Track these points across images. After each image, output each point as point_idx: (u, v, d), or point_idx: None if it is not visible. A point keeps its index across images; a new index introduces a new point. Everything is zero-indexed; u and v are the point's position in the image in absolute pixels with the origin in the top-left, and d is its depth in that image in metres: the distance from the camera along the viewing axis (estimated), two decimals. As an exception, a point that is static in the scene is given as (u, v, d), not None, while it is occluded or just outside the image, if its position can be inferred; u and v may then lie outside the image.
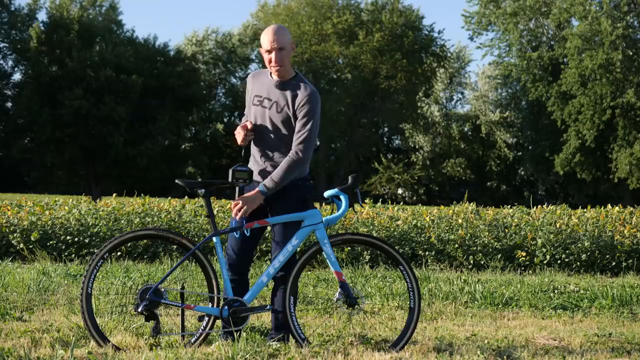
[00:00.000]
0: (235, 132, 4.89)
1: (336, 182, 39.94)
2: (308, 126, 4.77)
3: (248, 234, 4.83)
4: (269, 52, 4.80)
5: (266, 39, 4.80)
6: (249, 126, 4.85)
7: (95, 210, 10.30)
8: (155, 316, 4.65)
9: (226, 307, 4.69)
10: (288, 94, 4.81)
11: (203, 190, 4.76)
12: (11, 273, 7.80)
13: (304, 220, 4.77)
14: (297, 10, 41.89)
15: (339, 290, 4.78)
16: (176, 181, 4.86)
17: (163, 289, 4.72)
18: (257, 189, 4.72)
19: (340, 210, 4.80)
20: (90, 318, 4.62)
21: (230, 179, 4.75)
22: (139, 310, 4.62)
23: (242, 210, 4.68)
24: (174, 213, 10.47)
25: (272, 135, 4.83)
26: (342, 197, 4.78)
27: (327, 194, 4.82)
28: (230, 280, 4.86)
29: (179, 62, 41.21)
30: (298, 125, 4.78)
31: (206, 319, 4.76)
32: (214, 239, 4.76)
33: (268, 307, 4.77)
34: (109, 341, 4.66)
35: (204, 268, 4.79)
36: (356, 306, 4.81)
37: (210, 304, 4.79)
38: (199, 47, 46.50)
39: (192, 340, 4.74)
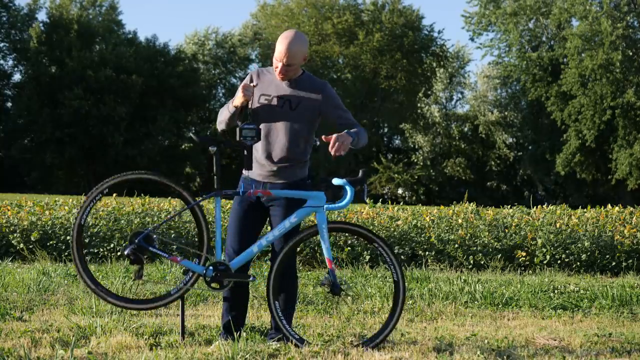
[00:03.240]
0: (241, 89, 4.79)
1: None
2: (344, 108, 4.89)
3: (254, 200, 4.82)
4: (278, 60, 4.76)
5: (280, 49, 4.73)
6: (249, 82, 4.83)
7: (95, 210, 10.30)
8: (141, 260, 4.65)
9: (211, 268, 4.69)
10: (304, 91, 4.81)
11: (215, 148, 4.73)
12: (11, 273, 7.81)
13: (308, 199, 4.75)
14: (297, 10, 41.92)
15: (325, 275, 4.77)
16: (189, 134, 4.85)
17: (154, 236, 4.71)
18: (344, 133, 4.70)
19: (344, 201, 4.78)
20: (78, 251, 4.63)
21: (237, 137, 4.74)
22: (126, 252, 4.63)
23: (342, 146, 4.65)
24: (174, 213, 10.46)
25: (282, 134, 4.80)
26: (348, 188, 4.77)
27: (335, 181, 4.80)
28: None
29: (179, 62, 41.22)
30: (338, 113, 4.84)
31: (190, 274, 4.76)
32: (215, 199, 4.75)
33: (252, 277, 4.75)
34: (98, 283, 4.69)
35: (199, 225, 4.76)
36: (338, 297, 4.80)
37: (197, 261, 4.78)
38: (199, 47, 46.53)
39: (172, 292, 4.74)
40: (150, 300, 4.82)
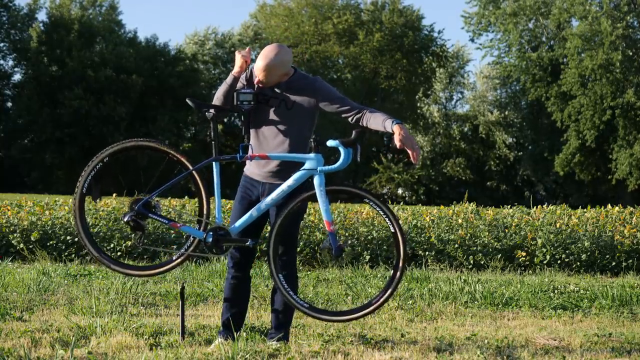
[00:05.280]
0: (237, 52, 4.83)
1: (335, 181, 39.83)
2: (341, 96, 4.86)
3: (254, 198, 4.79)
4: (255, 74, 4.77)
5: (258, 65, 4.72)
6: (246, 77, 4.84)
7: (95, 210, 10.29)
8: (142, 227, 4.68)
9: (211, 233, 4.69)
10: (298, 90, 4.80)
11: (211, 113, 4.72)
12: (11, 273, 7.81)
13: (305, 162, 4.72)
14: (297, 10, 41.91)
15: (326, 238, 4.74)
16: (187, 99, 4.85)
17: (155, 203, 4.72)
18: (394, 124, 4.65)
19: (338, 163, 4.74)
20: (81, 217, 4.68)
21: (235, 102, 4.74)
22: (125, 219, 4.66)
23: (417, 151, 4.63)
24: (174, 213, 10.46)
25: (281, 134, 4.80)
26: (341, 149, 4.74)
27: (329, 143, 4.77)
28: (233, 277, 4.86)
29: (179, 62, 41.21)
30: (338, 104, 4.82)
31: (191, 239, 4.76)
32: (213, 164, 4.74)
33: (250, 242, 4.73)
34: (101, 251, 4.73)
35: (198, 190, 4.76)
36: (341, 258, 4.77)
37: (198, 227, 4.78)
38: (199, 47, 46.53)
39: (173, 258, 4.75)
40: (152, 267, 4.82)
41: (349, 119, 4.89)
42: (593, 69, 33.67)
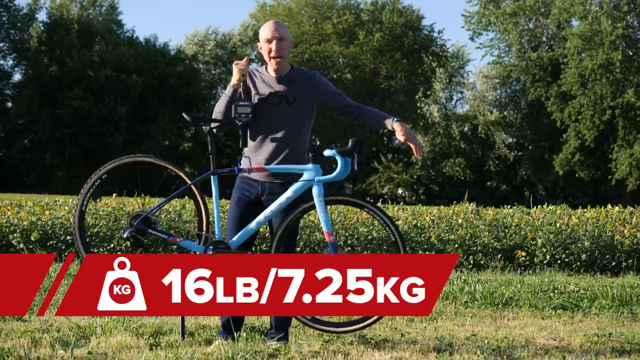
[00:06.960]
0: (234, 65, 4.80)
1: (335, 189, 39.75)
2: (339, 91, 4.95)
3: (252, 199, 4.80)
4: (270, 41, 4.80)
5: (267, 29, 4.83)
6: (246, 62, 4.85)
7: (95, 210, 10.29)
8: (141, 243, 4.69)
9: (211, 247, 4.70)
10: (297, 84, 4.82)
11: (208, 127, 4.75)
12: (11, 273, 7.80)
13: (304, 173, 4.72)
14: (296, 10, 41.91)
15: (327, 248, 4.73)
16: (183, 114, 4.88)
17: (155, 218, 4.72)
18: (395, 122, 4.74)
19: (335, 172, 4.73)
20: (80, 234, 4.68)
21: (232, 115, 4.75)
22: (125, 235, 4.67)
23: (419, 147, 4.74)
24: (174, 213, 10.46)
25: (281, 131, 4.80)
26: (338, 158, 4.73)
27: (326, 153, 4.77)
28: None
29: (179, 62, 41.21)
30: (336, 98, 4.91)
31: (192, 253, 4.78)
32: (212, 177, 4.75)
33: (249, 253, 4.75)
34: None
35: (197, 205, 4.78)
36: None
37: (198, 241, 4.79)
38: (199, 47, 46.51)
39: None
40: None
41: (346, 116, 4.91)
42: (593, 69, 33.65)
